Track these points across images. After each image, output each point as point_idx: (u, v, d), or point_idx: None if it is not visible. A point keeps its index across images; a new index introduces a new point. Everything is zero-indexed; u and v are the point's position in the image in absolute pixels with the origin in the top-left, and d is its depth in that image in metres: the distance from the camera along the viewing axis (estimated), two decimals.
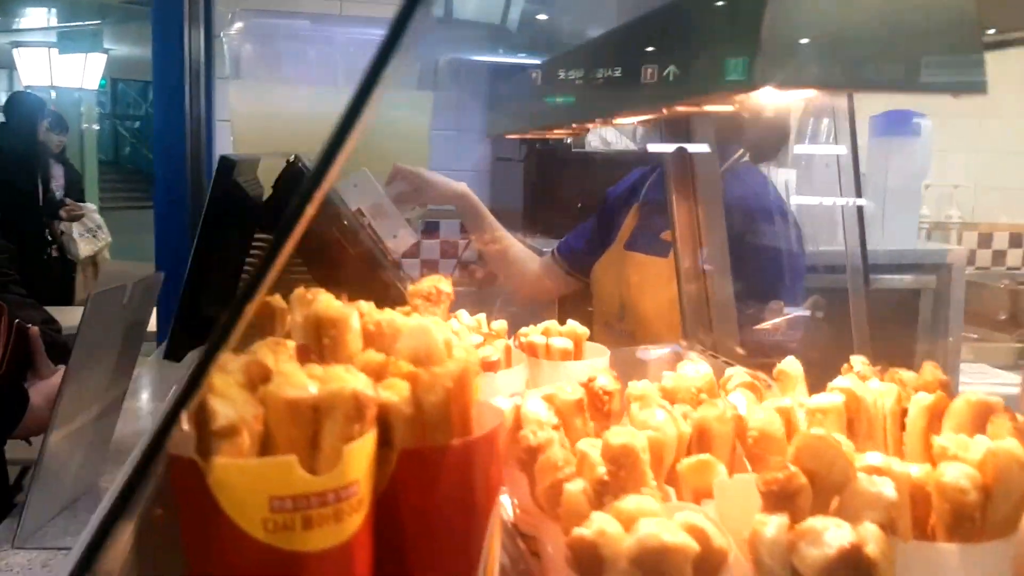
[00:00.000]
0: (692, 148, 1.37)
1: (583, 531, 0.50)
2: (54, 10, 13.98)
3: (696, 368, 0.74)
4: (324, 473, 0.42)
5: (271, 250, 0.38)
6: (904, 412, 0.68)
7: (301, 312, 0.67)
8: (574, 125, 0.89)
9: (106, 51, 15.48)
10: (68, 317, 1.71)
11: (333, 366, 0.47)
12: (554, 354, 1.00)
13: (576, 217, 1.90)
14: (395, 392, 0.47)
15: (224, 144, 2.78)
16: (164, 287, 1.53)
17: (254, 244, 1.55)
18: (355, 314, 0.61)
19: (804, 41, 0.46)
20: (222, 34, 1.94)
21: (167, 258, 2.74)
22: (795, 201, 2.17)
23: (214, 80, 2.81)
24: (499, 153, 2.77)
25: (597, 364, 1.01)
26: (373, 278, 1.57)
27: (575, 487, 0.54)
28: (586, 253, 1.77)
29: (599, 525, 0.49)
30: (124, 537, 0.39)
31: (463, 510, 0.49)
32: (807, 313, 1.43)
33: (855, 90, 0.48)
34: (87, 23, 14.26)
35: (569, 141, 2.39)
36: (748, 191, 1.59)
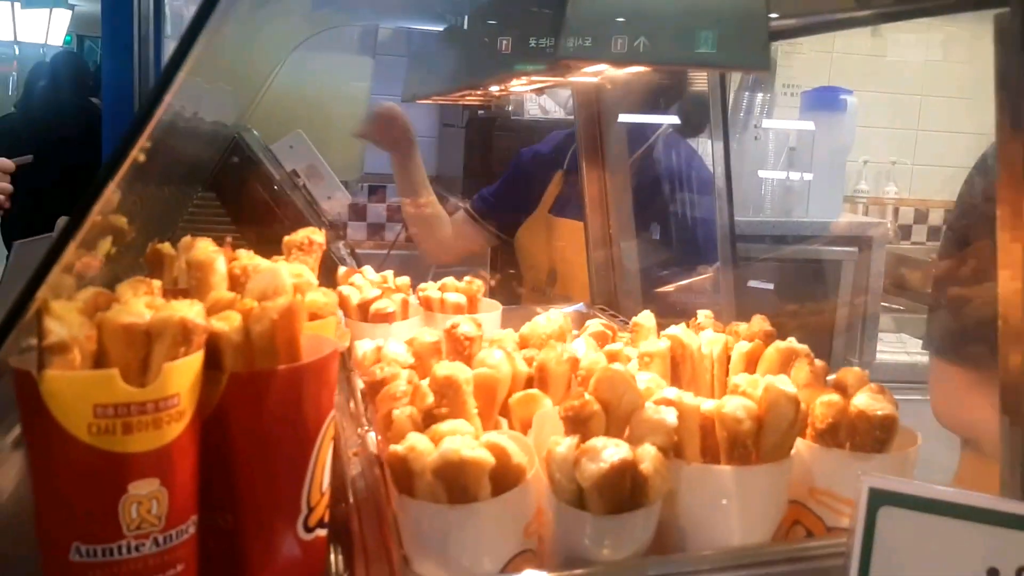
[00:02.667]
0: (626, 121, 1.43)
1: (396, 448, 0.56)
2: None
3: (549, 317, 0.80)
4: (150, 389, 0.48)
5: (106, 171, 0.43)
6: (730, 358, 0.75)
7: (184, 257, 0.73)
8: (466, 91, 0.94)
9: (71, 7, 15.17)
10: None
11: (176, 300, 0.53)
12: (448, 308, 1.06)
13: None
14: (227, 322, 0.53)
15: None
16: None
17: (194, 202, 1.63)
18: (221, 258, 0.67)
19: (604, 23, 0.52)
20: None
21: None
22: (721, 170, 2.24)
23: (163, 39, 2.83)
24: (445, 120, 2.82)
25: (488, 317, 1.07)
26: None
27: (402, 413, 0.61)
28: (497, 207, 1.84)
29: (410, 442, 0.56)
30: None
31: (289, 430, 0.55)
32: (709, 277, 1.50)
33: (648, 65, 0.53)
34: None
35: (509, 108, 2.44)
36: (666, 161, 1.66)
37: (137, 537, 0.48)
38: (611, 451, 0.54)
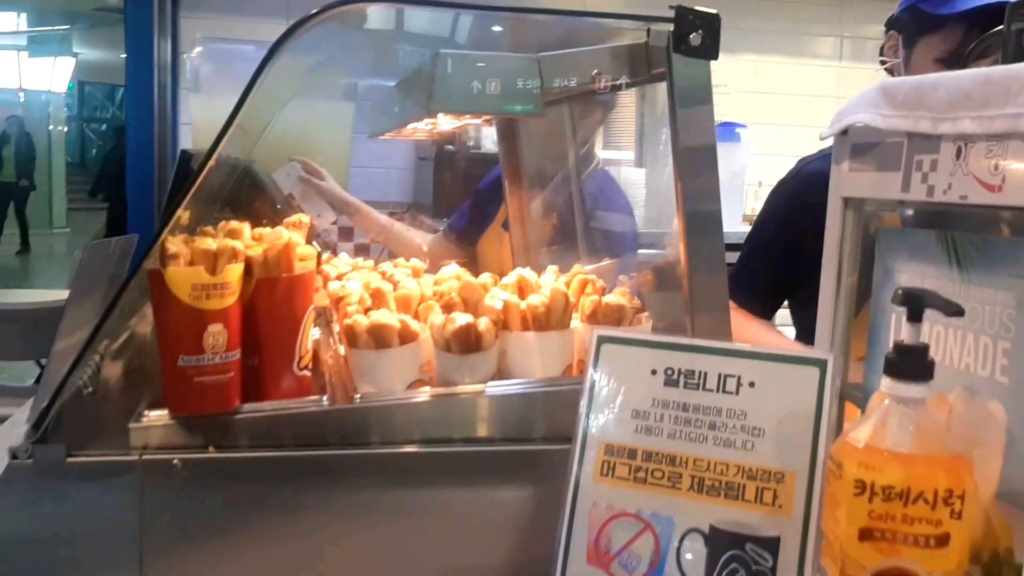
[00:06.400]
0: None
1: (348, 320, 1.03)
2: (24, 15, 14.31)
3: (452, 270, 1.28)
4: (216, 277, 0.95)
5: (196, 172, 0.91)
6: None
7: (223, 232, 1.19)
8: (402, 127, 1.42)
9: (75, 55, 15.79)
10: None
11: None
12: (390, 278, 1.53)
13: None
14: (255, 250, 1.00)
15: (187, 142, 3.29)
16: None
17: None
18: (247, 227, 1.15)
19: (454, 92, 1.00)
20: (186, 56, 2.45)
21: (137, 231, 3.24)
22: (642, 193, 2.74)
23: (179, 89, 3.34)
24: (420, 154, 3.32)
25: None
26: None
27: (352, 308, 1.08)
28: (466, 230, 2.33)
29: (355, 318, 1.03)
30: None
31: (289, 310, 1.02)
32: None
33: (474, 114, 1.00)
34: (57, 28, 14.55)
35: (471, 143, 2.94)
36: (600, 191, 2.14)
37: (212, 353, 0.94)
38: (461, 318, 1.01)
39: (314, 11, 0.89)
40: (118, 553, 0.91)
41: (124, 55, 3.41)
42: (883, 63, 1.65)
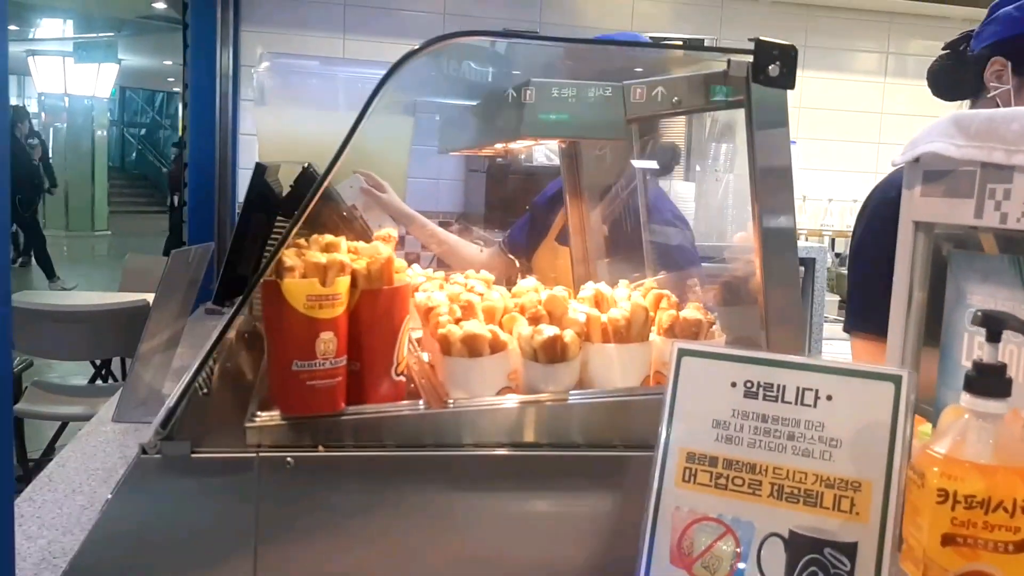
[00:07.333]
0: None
1: (442, 330, 1.10)
2: (70, 21, 14.62)
3: (529, 283, 1.35)
4: (328, 288, 1.02)
5: (302, 208, 0.98)
6: None
7: (317, 245, 1.27)
8: (484, 147, 1.50)
9: (119, 61, 16.09)
10: None
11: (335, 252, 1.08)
12: (471, 290, 1.60)
13: (521, 215, 2.53)
14: (359, 264, 1.08)
15: (247, 154, 3.39)
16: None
17: (275, 226, 2.16)
18: (343, 240, 1.22)
19: (539, 118, 1.07)
20: (252, 70, 2.54)
21: (198, 241, 3.34)
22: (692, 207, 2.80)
23: (240, 100, 3.44)
24: (470, 166, 3.40)
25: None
26: None
27: (445, 318, 1.15)
28: (523, 244, 2.40)
29: (449, 328, 1.10)
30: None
31: (388, 319, 1.10)
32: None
33: (567, 138, 1.05)
34: (102, 35, 14.84)
35: (522, 156, 3.01)
36: (656, 205, 2.20)
37: (323, 359, 1.02)
38: (548, 330, 1.08)
39: (432, 39, 0.96)
40: (236, 541, 0.98)
41: (166, 62, 3.51)
42: (992, 89, 1.58)
